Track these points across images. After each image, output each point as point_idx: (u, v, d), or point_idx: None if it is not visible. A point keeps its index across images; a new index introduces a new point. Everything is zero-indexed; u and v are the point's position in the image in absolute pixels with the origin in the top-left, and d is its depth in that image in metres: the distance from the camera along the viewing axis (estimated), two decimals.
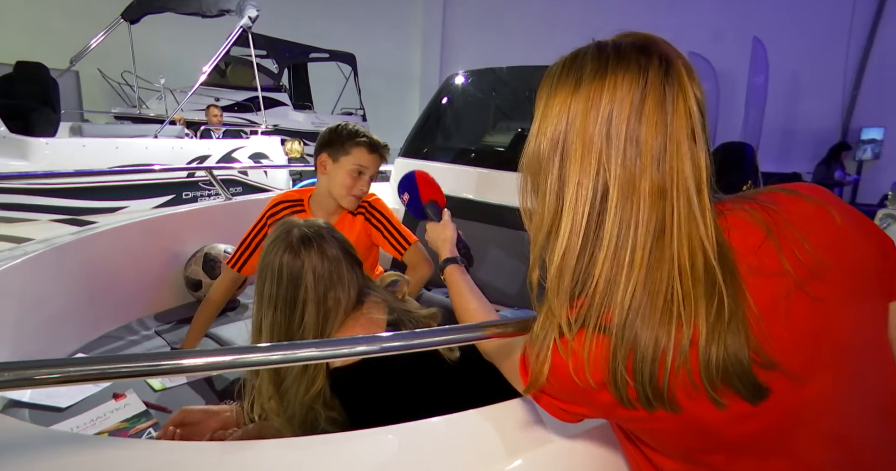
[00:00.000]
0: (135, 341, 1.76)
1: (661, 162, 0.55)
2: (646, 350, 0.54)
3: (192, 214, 2.15)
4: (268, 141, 5.24)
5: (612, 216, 0.56)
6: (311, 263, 1.07)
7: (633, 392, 0.55)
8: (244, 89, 7.94)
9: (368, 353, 0.73)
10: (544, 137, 0.61)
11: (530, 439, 0.76)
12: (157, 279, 2.02)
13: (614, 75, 0.56)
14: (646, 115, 0.55)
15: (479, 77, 2.56)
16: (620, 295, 0.55)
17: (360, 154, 1.55)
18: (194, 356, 0.64)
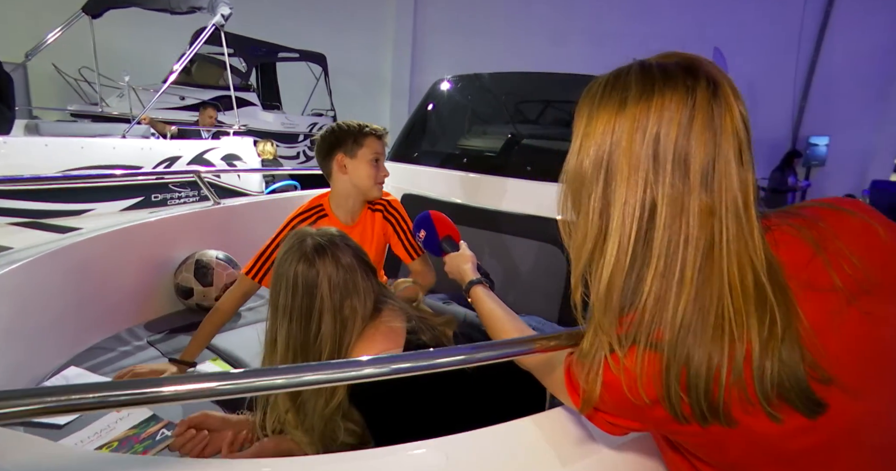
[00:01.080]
0: (127, 352, 1.70)
1: (709, 181, 0.56)
2: (699, 367, 0.55)
3: (181, 219, 2.09)
4: (240, 142, 5.12)
5: (661, 235, 0.57)
6: (325, 272, 1.07)
7: (688, 408, 0.56)
8: (211, 88, 7.72)
9: (413, 370, 0.70)
10: (587, 156, 0.62)
11: (577, 449, 0.77)
12: (145, 287, 1.95)
13: (661, 96, 0.57)
14: (694, 136, 0.56)
15: (466, 82, 2.58)
16: (671, 312, 0.56)
17: (372, 143, 1.60)
18: (200, 381, 0.60)
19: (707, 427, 0.57)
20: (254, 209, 2.35)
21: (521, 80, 2.48)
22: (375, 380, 0.68)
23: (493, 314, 1.04)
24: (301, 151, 8.21)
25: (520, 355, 0.79)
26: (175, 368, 1.52)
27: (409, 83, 9.85)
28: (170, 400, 0.59)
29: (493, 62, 8.73)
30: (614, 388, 0.60)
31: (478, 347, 0.77)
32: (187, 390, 0.59)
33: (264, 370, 0.63)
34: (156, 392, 0.58)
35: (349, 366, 0.67)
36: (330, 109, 8.76)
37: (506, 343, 0.79)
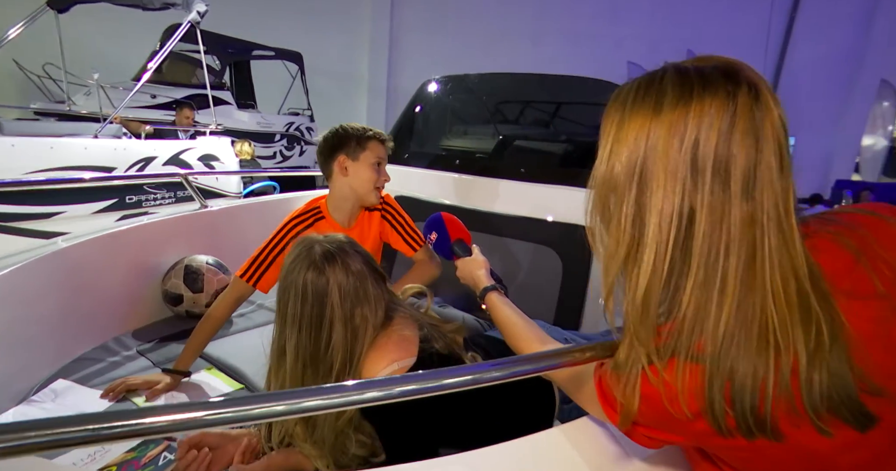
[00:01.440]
0: (116, 363, 1.64)
1: (750, 188, 0.54)
2: (744, 380, 0.53)
3: (167, 224, 2.03)
4: (217, 142, 5.00)
5: (700, 243, 0.55)
6: (335, 280, 1.04)
7: (733, 422, 0.54)
8: (183, 86, 7.55)
9: (443, 388, 0.66)
10: (618, 162, 0.59)
11: (607, 461, 0.76)
12: (132, 295, 1.89)
13: (700, 100, 0.55)
14: (735, 142, 0.54)
15: (455, 83, 2.57)
16: (712, 322, 0.55)
17: (375, 147, 1.59)
18: (197, 409, 0.55)
19: (753, 441, 0.55)
20: (242, 212, 2.30)
21: (510, 81, 2.49)
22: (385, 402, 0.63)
23: (511, 322, 1.02)
24: (278, 151, 8.08)
25: (550, 370, 0.75)
26: (169, 378, 1.47)
27: (386, 83, 9.80)
28: (166, 431, 0.54)
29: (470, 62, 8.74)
30: (653, 401, 0.59)
31: (508, 363, 0.73)
32: (184, 419, 0.55)
33: (264, 396, 0.58)
34: (151, 423, 0.53)
35: (353, 389, 0.61)
36: (306, 109, 8.65)
37: (536, 357, 0.75)
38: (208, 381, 1.54)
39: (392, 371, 1.05)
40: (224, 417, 0.56)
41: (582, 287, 1.89)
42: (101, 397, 1.42)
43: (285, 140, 8.20)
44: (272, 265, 1.55)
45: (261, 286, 1.55)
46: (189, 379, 1.52)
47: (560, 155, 2.20)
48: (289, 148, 8.25)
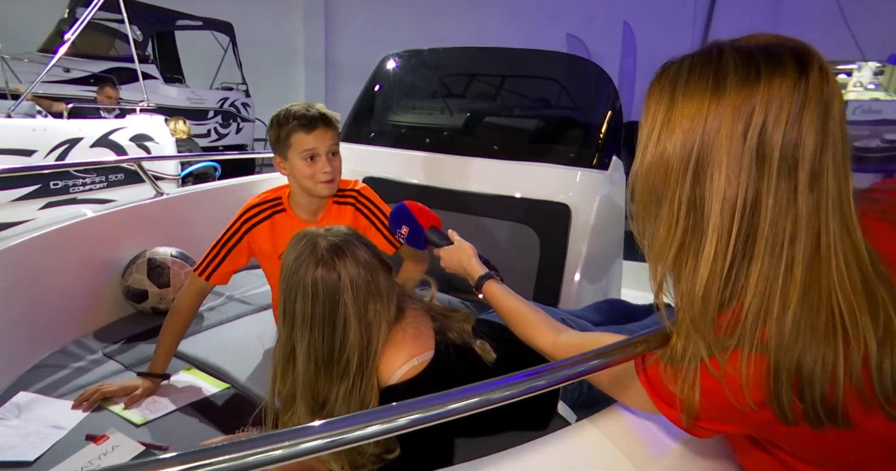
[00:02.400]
0: (82, 368, 1.51)
1: (817, 175, 0.53)
2: (813, 369, 0.52)
3: (122, 215, 1.86)
4: (150, 121, 4.63)
5: (766, 232, 0.54)
6: (347, 274, 0.99)
7: (800, 411, 0.54)
8: (100, 59, 6.91)
9: (489, 403, 0.60)
10: (670, 146, 0.57)
11: (647, 450, 0.76)
12: (90, 293, 1.74)
13: (770, 82, 0.52)
14: (804, 127, 0.52)
15: (416, 58, 2.49)
16: (777, 312, 0.54)
17: (299, 139, 1.40)
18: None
19: (822, 430, 0.54)
20: (203, 199, 2.15)
21: (477, 56, 2.43)
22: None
23: (519, 311, 0.99)
24: (212, 129, 7.61)
25: (600, 370, 0.68)
26: (148, 382, 1.38)
27: (323, 55, 9.38)
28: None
29: (408, 34, 8.53)
30: (714, 394, 0.57)
31: (551, 369, 0.65)
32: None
33: (260, 439, 0.49)
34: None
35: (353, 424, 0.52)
36: (241, 83, 8.16)
37: (583, 358, 0.67)
38: (190, 382, 1.45)
39: (411, 367, 1.02)
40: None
41: (559, 264, 1.91)
42: (73, 408, 1.30)
43: (220, 117, 7.72)
44: (226, 259, 1.47)
45: (216, 280, 1.47)
46: (168, 382, 1.43)
47: (532, 131, 2.19)
48: (224, 125, 7.78)
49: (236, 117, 7.95)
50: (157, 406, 1.33)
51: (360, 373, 1.00)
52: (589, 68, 2.07)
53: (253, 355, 1.57)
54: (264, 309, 1.92)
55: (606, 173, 1.92)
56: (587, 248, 1.90)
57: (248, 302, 1.97)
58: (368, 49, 8.47)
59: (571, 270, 1.90)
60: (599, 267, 2.08)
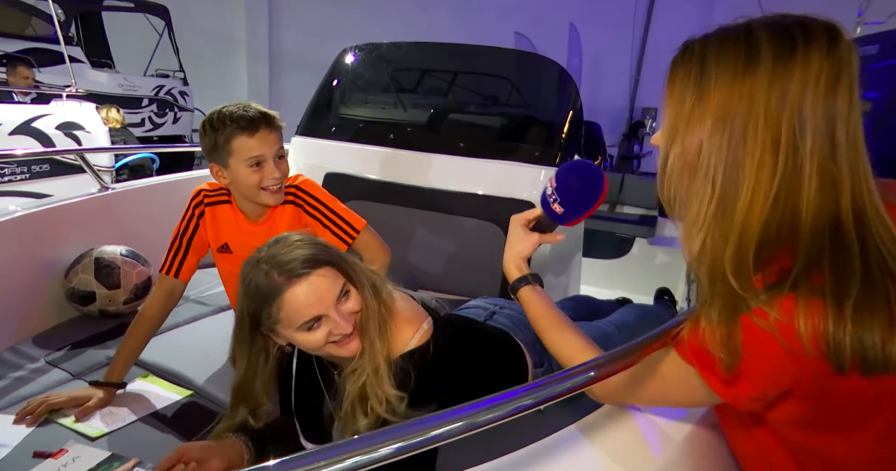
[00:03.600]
0: (23, 378, 1.38)
1: (851, 137, 0.57)
2: (874, 325, 0.53)
3: (63, 210, 1.71)
4: (80, 108, 4.29)
5: (811, 192, 0.56)
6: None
7: (857, 356, 0.54)
8: (14, 38, 6.36)
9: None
10: (704, 123, 0.59)
11: (647, 443, 0.78)
12: (27, 295, 1.59)
13: (807, 51, 0.55)
14: (839, 94, 0.56)
15: (378, 52, 2.44)
16: (829, 263, 0.55)
17: (242, 144, 1.27)
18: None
19: (872, 377, 0.55)
20: (150, 194, 2.01)
21: (441, 51, 2.42)
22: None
23: (559, 331, 0.87)
24: (147, 118, 7.16)
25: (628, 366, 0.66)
26: (102, 392, 1.28)
27: (267, 46, 9.02)
28: None
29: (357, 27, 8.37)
30: (765, 346, 0.57)
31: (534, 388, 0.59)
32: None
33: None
34: None
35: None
36: (178, 71, 7.72)
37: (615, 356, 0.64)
38: (149, 389, 1.36)
39: (423, 332, 1.00)
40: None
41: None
42: (15, 423, 1.18)
43: (155, 105, 7.27)
44: (189, 250, 1.41)
45: (184, 275, 1.40)
46: (124, 391, 1.33)
47: (496, 129, 2.20)
48: (160, 114, 7.33)
49: (173, 106, 7.52)
50: (114, 418, 1.24)
51: None
52: (552, 69, 2.10)
53: (215, 357, 1.49)
54: (223, 310, 1.84)
55: None
56: (550, 244, 1.94)
57: (205, 303, 1.87)
58: (314, 41, 8.31)
59: (535, 267, 1.92)
60: (561, 263, 2.13)
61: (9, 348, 1.51)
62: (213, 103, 1.37)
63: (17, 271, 1.58)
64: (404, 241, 2.08)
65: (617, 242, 3.09)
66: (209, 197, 1.44)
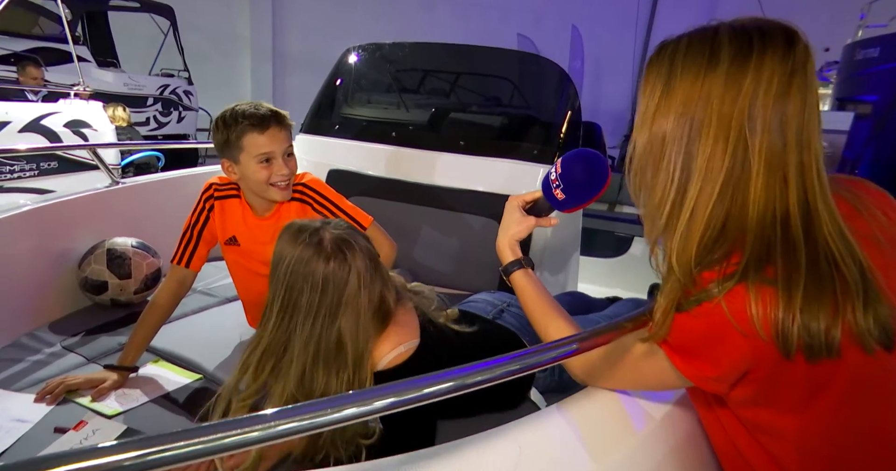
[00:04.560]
0: (41, 361, 1.44)
1: (801, 138, 0.60)
2: (818, 312, 0.57)
3: (77, 203, 1.78)
4: (87, 107, 4.36)
5: (758, 187, 0.60)
6: (356, 267, 1.02)
7: (802, 342, 0.58)
8: (22, 37, 6.43)
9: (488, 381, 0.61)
10: (670, 115, 0.63)
11: (627, 422, 0.81)
12: (43, 284, 1.66)
13: (762, 54, 0.59)
14: (792, 95, 0.59)
15: (381, 52, 2.50)
16: (779, 257, 0.59)
17: (252, 141, 1.32)
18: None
19: (815, 363, 0.59)
20: (159, 188, 2.07)
21: (443, 52, 2.47)
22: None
23: (547, 315, 0.91)
24: (152, 117, 7.23)
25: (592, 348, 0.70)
26: (115, 375, 1.34)
27: (271, 45, 9.10)
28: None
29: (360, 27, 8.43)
30: (724, 331, 0.61)
31: (519, 357, 0.65)
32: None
33: (227, 424, 0.46)
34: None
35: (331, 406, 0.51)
36: (183, 70, 7.79)
37: (560, 343, 0.68)
38: (160, 374, 1.42)
39: (398, 354, 1.05)
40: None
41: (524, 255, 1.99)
42: (35, 401, 1.25)
43: (160, 104, 7.35)
44: (200, 241, 1.47)
45: (195, 266, 1.47)
46: (136, 374, 1.39)
47: (497, 128, 2.26)
48: (164, 113, 7.41)
49: (178, 105, 7.59)
50: (128, 398, 1.30)
51: (358, 361, 1.02)
52: (552, 70, 2.16)
53: (222, 345, 1.56)
54: (229, 301, 1.90)
55: None
56: (548, 241, 1.99)
57: (212, 294, 1.93)
58: (318, 40, 8.37)
59: (533, 263, 1.99)
60: (559, 260, 2.18)
61: (27, 334, 1.57)
62: (217, 103, 1.43)
63: (34, 261, 1.65)
64: (406, 236, 2.13)
65: (615, 241, 3.14)
66: (219, 191, 1.51)
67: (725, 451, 0.80)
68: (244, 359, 1.06)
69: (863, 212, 0.66)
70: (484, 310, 1.40)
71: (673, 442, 0.82)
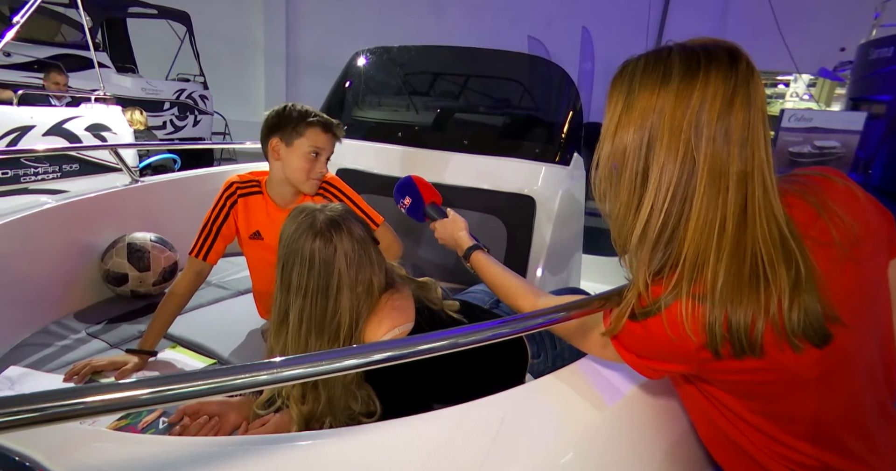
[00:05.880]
0: (68, 346, 1.54)
1: (744, 149, 0.65)
2: (741, 314, 0.64)
3: (99, 200, 1.88)
4: (107, 111, 4.51)
5: (701, 196, 0.65)
6: (342, 248, 1.08)
7: (729, 345, 0.66)
8: (45, 44, 6.62)
9: (441, 349, 0.67)
10: (629, 129, 0.68)
11: (604, 395, 0.87)
12: (68, 275, 1.76)
13: (707, 72, 0.64)
14: (735, 108, 0.64)
15: (389, 55, 2.58)
16: (712, 261, 0.65)
17: (314, 135, 1.49)
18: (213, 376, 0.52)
19: (742, 360, 0.67)
20: (176, 187, 2.18)
21: (449, 55, 2.55)
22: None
23: (503, 278, 1.09)
24: (168, 121, 7.41)
25: (557, 323, 0.79)
26: (136, 358, 1.43)
27: (284, 49, 9.25)
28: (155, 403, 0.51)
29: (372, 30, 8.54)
30: (663, 338, 0.69)
31: (520, 319, 0.77)
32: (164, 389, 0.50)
33: (250, 366, 0.55)
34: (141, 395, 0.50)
35: (333, 357, 0.59)
36: (198, 75, 7.96)
37: (540, 313, 0.78)
38: (177, 358, 1.51)
39: (393, 336, 1.10)
40: (214, 385, 0.52)
41: (525, 253, 2.04)
42: (64, 381, 1.34)
43: (176, 109, 7.52)
44: (218, 236, 1.55)
45: (212, 259, 1.55)
46: (155, 358, 1.48)
47: (500, 127, 2.33)
48: (181, 117, 7.58)
49: (193, 110, 7.76)
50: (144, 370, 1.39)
51: (349, 337, 1.09)
52: (554, 71, 2.22)
53: (235, 334, 1.64)
54: (241, 294, 1.98)
55: (568, 169, 2.08)
56: (550, 238, 2.05)
57: (225, 287, 2.02)
58: (330, 44, 8.50)
59: (536, 260, 2.04)
60: (561, 258, 2.24)
61: (54, 322, 1.67)
62: (232, 106, 1.55)
63: (60, 255, 1.75)
64: (411, 232, 2.20)
65: None
66: (241, 188, 1.59)
67: (700, 420, 0.86)
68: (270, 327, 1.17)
69: (823, 214, 0.69)
70: (482, 300, 1.47)
71: (647, 413, 0.89)
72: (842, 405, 0.73)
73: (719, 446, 0.84)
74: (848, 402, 0.73)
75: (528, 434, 0.77)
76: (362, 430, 0.79)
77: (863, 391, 0.73)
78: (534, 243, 2.04)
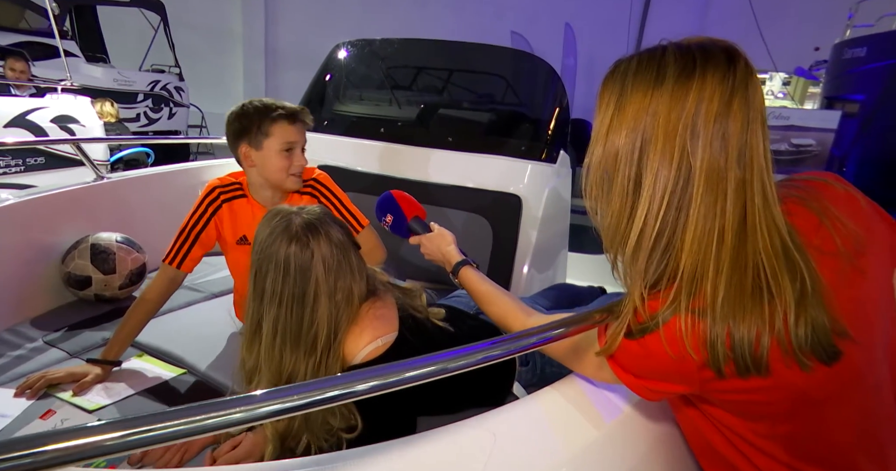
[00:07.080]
0: (22, 356, 1.43)
1: (743, 154, 0.60)
2: (742, 326, 0.60)
3: (60, 198, 1.76)
4: (75, 102, 4.32)
5: (698, 204, 0.61)
6: (320, 252, 1.01)
7: (732, 364, 0.61)
8: (9, 31, 6.35)
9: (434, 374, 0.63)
10: (621, 131, 0.64)
11: (600, 412, 0.83)
12: (25, 279, 1.64)
13: (703, 73, 0.60)
14: (733, 112, 0.60)
15: (371, 48, 2.49)
16: (711, 274, 0.61)
17: (282, 130, 1.40)
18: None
19: (747, 379, 0.62)
20: (145, 183, 2.06)
21: (433, 48, 2.47)
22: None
23: (491, 294, 1.04)
24: (142, 113, 7.18)
25: (553, 341, 0.72)
26: (98, 369, 1.33)
27: (263, 42, 9.05)
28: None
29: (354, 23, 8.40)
30: (662, 358, 0.64)
31: (511, 339, 0.69)
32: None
33: (216, 404, 0.48)
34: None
35: (313, 389, 0.53)
36: (174, 66, 7.73)
37: (533, 332, 0.71)
38: (144, 368, 1.41)
39: (375, 348, 1.04)
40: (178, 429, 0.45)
41: (511, 253, 1.99)
42: (15, 396, 1.24)
43: (150, 101, 7.29)
44: (195, 244, 1.46)
45: (186, 267, 1.46)
46: (120, 368, 1.38)
47: (485, 124, 2.26)
48: (155, 110, 7.35)
49: (169, 102, 7.54)
50: (110, 392, 1.29)
51: (326, 349, 1.02)
52: (540, 66, 2.16)
53: (207, 340, 1.55)
54: (215, 296, 1.89)
55: (555, 167, 2.02)
56: (536, 237, 2.00)
57: (197, 290, 1.92)
58: (311, 37, 8.34)
59: (522, 259, 1.99)
60: (547, 256, 2.19)
61: (8, 329, 1.56)
62: (209, 99, 1.44)
63: (16, 256, 1.63)
64: None
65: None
66: (225, 193, 1.49)
67: (699, 446, 0.80)
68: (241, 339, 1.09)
69: (825, 221, 0.65)
70: (468, 304, 1.41)
71: (646, 432, 0.84)
72: (855, 425, 0.68)
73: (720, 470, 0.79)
74: (861, 421, 0.69)
75: (521, 454, 0.72)
76: (343, 457, 0.71)
77: (876, 409, 0.69)
78: (520, 243, 1.99)
